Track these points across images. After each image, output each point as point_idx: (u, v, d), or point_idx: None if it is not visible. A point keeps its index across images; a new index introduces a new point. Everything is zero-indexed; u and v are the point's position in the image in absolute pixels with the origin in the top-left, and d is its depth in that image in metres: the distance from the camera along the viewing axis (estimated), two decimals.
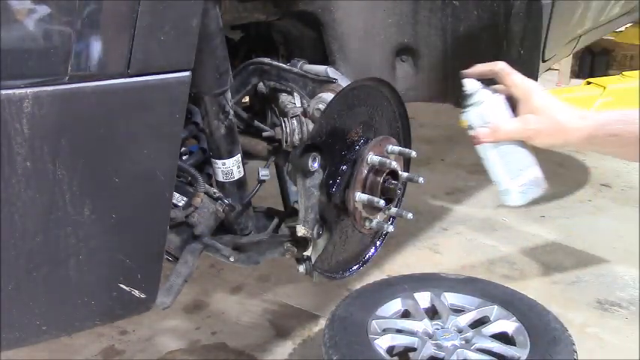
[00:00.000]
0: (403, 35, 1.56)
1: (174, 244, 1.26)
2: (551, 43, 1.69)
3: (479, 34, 1.54)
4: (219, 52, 1.17)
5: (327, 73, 1.36)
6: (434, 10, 1.53)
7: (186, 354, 2.02)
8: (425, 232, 2.76)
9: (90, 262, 0.98)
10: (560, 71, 4.87)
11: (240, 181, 1.32)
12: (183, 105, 1.00)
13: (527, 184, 1.08)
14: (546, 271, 2.48)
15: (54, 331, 1.04)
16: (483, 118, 1.07)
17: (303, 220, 1.24)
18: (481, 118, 1.07)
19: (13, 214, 0.88)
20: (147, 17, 0.90)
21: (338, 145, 1.26)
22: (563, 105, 1.05)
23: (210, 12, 1.12)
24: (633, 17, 2.96)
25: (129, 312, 1.10)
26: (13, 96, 0.83)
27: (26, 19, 0.83)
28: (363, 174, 1.27)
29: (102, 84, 0.89)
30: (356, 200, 1.27)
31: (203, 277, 2.43)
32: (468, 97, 1.08)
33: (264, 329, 2.14)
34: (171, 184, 1.05)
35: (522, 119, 1.06)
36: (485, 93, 1.08)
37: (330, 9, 1.40)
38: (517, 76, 1.07)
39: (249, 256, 1.32)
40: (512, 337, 1.78)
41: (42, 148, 0.87)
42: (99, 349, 2.05)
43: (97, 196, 0.95)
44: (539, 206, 3.03)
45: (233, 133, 1.27)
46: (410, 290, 1.93)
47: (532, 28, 1.51)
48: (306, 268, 1.31)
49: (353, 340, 1.71)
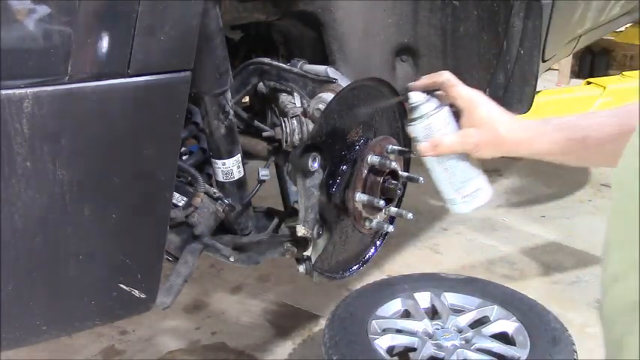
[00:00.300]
0: (403, 35, 1.56)
1: (174, 244, 1.26)
2: (551, 43, 1.69)
3: (479, 34, 1.54)
4: (219, 52, 1.17)
5: (327, 73, 1.36)
6: (434, 10, 1.53)
7: (186, 354, 2.02)
8: (425, 232, 2.76)
9: (90, 262, 0.98)
10: (560, 71, 4.87)
11: (240, 181, 1.32)
12: (183, 105, 1.00)
13: (470, 195, 1.10)
14: (546, 271, 2.48)
15: (54, 331, 1.04)
16: (427, 132, 1.08)
17: (303, 220, 1.24)
18: (425, 131, 1.08)
19: (13, 214, 0.88)
20: (147, 17, 0.90)
21: (338, 145, 1.26)
22: (505, 117, 1.06)
23: (210, 12, 1.12)
24: (633, 17, 2.96)
25: (129, 312, 1.10)
26: (13, 96, 0.83)
27: (26, 19, 0.83)
28: (363, 174, 1.27)
29: (102, 84, 0.89)
30: (356, 200, 1.27)
31: (203, 277, 2.43)
32: (414, 110, 1.08)
33: (264, 329, 2.14)
34: (171, 184, 1.05)
35: (463, 133, 1.07)
36: (430, 106, 1.08)
37: (330, 9, 1.40)
38: (462, 88, 1.07)
39: (249, 256, 1.32)
40: (512, 337, 1.79)
41: (42, 148, 0.87)
42: (99, 349, 2.05)
43: (97, 196, 0.95)
44: (539, 206, 3.03)
45: (233, 133, 1.27)
46: (410, 290, 1.94)
47: (532, 28, 1.51)
48: (306, 268, 1.31)
49: (353, 340, 1.71)
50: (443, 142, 1.06)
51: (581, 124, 1.00)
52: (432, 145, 1.07)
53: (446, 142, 1.06)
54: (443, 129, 1.07)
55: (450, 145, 1.06)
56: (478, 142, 1.05)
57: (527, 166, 3.50)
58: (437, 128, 1.07)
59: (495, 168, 3.41)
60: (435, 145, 1.07)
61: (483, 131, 1.05)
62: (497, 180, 3.31)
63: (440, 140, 1.06)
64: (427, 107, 1.08)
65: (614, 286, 0.62)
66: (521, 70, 1.57)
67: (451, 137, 1.07)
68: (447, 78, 1.08)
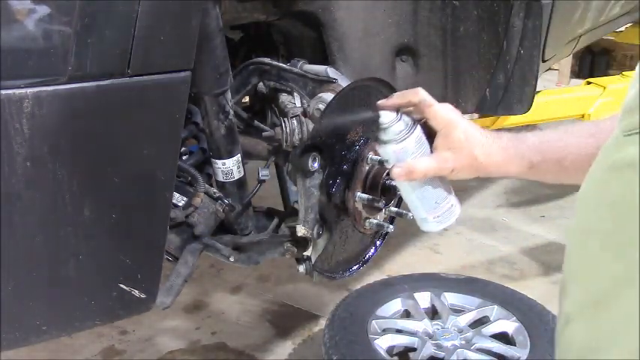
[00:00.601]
0: (403, 35, 1.56)
1: (174, 244, 1.26)
2: (551, 43, 1.69)
3: (479, 34, 1.54)
4: (219, 52, 1.17)
5: (327, 73, 1.36)
6: (434, 10, 1.53)
7: (186, 354, 2.02)
8: (425, 232, 2.75)
9: (90, 262, 0.98)
10: (560, 71, 4.86)
11: (240, 181, 1.32)
12: (183, 105, 1.00)
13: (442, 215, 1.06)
14: (546, 271, 2.48)
15: (54, 331, 1.05)
16: (400, 156, 1.00)
17: (303, 220, 1.24)
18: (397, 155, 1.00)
19: (13, 214, 0.88)
20: (147, 17, 0.90)
21: (338, 145, 1.26)
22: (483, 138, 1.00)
23: (210, 12, 1.12)
24: (633, 17, 2.96)
25: (129, 312, 1.10)
26: (13, 96, 0.83)
27: (26, 19, 0.83)
28: (363, 174, 1.27)
29: (102, 84, 0.89)
30: (356, 200, 1.27)
31: (203, 277, 2.43)
32: (384, 131, 1.01)
33: (264, 329, 2.14)
34: (171, 184, 1.05)
35: (439, 158, 1.00)
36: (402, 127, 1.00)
37: (330, 9, 1.39)
38: (438, 108, 1.01)
39: (249, 256, 1.32)
40: (512, 337, 1.79)
41: (42, 148, 0.87)
42: (99, 349, 2.05)
43: (97, 196, 0.95)
44: (539, 206, 3.03)
45: (233, 133, 1.27)
46: (410, 290, 1.94)
47: (532, 28, 1.51)
48: (306, 268, 1.31)
49: (353, 340, 1.71)
50: (417, 167, 0.99)
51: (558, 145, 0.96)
52: (406, 170, 1.00)
53: (420, 168, 0.99)
54: (416, 152, 1.00)
55: (425, 170, 1.00)
56: (455, 167, 1.00)
57: None
58: (410, 152, 1.00)
59: None
60: (409, 170, 0.99)
61: (460, 156, 0.99)
62: (497, 180, 3.31)
63: (414, 166, 0.99)
64: (399, 128, 1.00)
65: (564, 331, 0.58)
66: (521, 70, 1.57)
67: (426, 162, 1.00)
68: (423, 98, 1.01)
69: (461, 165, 1.00)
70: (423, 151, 1.01)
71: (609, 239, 0.56)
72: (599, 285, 0.56)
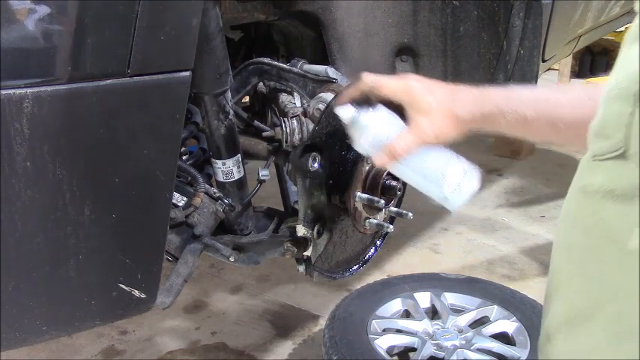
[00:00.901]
0: (403, 35, 1.56)
1: (174, 244, 1.26)
2: (551, 43, 1.69)
3: (479, 34, 1.54)
4: (219, 52, 1.17)
5: (327, 73, 1.36)
6: (434, 10, 1.53)
7: (186, 354, 2.02)
8: (425, 232, 2.76)
9: (90, 262, 0.98)
10: (560, 71, 4.86)
11: (240, 181, 1.32)
12: (183, 105, 1.00)
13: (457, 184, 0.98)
14: (546, 271, 2.46)
15: (54, 331, 1.05)
16: (375, 142, 0.96)
17: (303, 220, 1.24)
18: (373, 142, 0.96)
19: (13, 214, 0.88)
20: (147, 17, 0.90)
21: (338, 145, 1.26)
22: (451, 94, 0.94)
23: (210, 12, 1.12)
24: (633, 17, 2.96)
25: (129, 312, 1.10)
26: (13, 96, 0.83)
27: (26, 19, 0.83)
28: (363, 174, 1.27)
29: (102, 84, 0.89)
30: (356, 200, 1.27)
31: (203, 277, 2.43)
32: (350, 127, 0.98)
33: (264, 329, 2.14)
34: (171, 184, 1.05)
35: (415, 127, 0.94)
36: (364, 115, 0.97)
37: (330, 9, 1.39)
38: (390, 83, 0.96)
39: (249, 256, 1.32)
40: (512, 337, 1.79)
41: (42, 148, 0.87)
42: (99, 349, 2.04)
43: (97, 196, 0.95)
44: (539, 206, 3.03)
45: (233, 133, 1.27)
46: (410, 290, 1.94)
47: (532, 28, 1.51)
48: (306, 268, 1.31)
49: (353, 340, 1.71)
50: (397, 145, 0.94)
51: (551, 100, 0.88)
52: (388, 153, 0.95)
53: (401, 144, 0.94)
54: (390, 134, 0.95)
55: (407, 145, 0.94)
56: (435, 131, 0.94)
57: (527, 166, 3.50)
58: (384, 135, 0.95)
59: (495, 168, 3.41)
60: (390, 152, 0.95)
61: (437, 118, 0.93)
62: (497, 180, 3.31)
63: (393, 145, 0.94)
64: (362, 118, 0.97)
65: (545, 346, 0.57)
66: (521, 70, 1.57)
67: (404, 137, 0.94)
68: (371, 80, 0.97)
69: (441, 126, 0.93)
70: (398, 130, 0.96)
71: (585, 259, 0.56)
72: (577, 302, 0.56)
